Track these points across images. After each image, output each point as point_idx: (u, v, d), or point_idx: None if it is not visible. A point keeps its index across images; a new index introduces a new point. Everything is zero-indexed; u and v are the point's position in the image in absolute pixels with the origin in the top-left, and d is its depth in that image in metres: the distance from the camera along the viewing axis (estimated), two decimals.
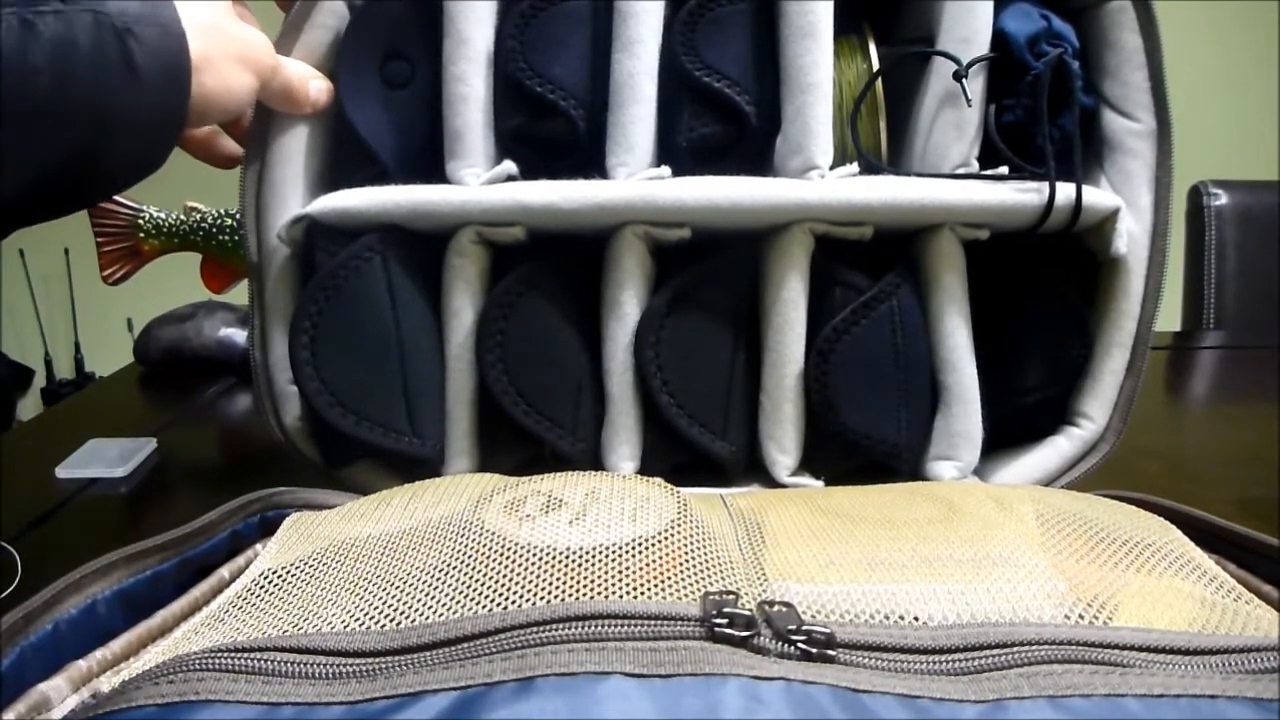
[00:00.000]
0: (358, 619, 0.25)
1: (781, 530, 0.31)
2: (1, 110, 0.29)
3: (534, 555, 0.27)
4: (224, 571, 0.33)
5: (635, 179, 0.43)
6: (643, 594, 0.25)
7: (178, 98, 0.34)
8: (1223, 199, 1.18)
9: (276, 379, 0.45)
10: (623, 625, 0.23)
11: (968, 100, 0.43)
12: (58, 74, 0.29)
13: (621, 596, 0.25)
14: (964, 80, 0.43)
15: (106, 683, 0.26)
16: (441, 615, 0.24)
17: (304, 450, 0.46)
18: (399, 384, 0.44)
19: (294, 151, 0.44)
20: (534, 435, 0.44)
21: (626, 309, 0.44)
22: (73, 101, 0.30)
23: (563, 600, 0.24)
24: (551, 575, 0.26)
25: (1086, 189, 0.43)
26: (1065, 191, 0.43)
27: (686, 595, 0.25)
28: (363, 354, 0.43)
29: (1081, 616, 0.25)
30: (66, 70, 0.29)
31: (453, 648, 0.23)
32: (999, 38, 0.44)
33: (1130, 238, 0.44)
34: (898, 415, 0.45)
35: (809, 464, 0.46)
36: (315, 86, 0.43)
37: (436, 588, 0.26)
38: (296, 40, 0.44)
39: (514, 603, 0.24)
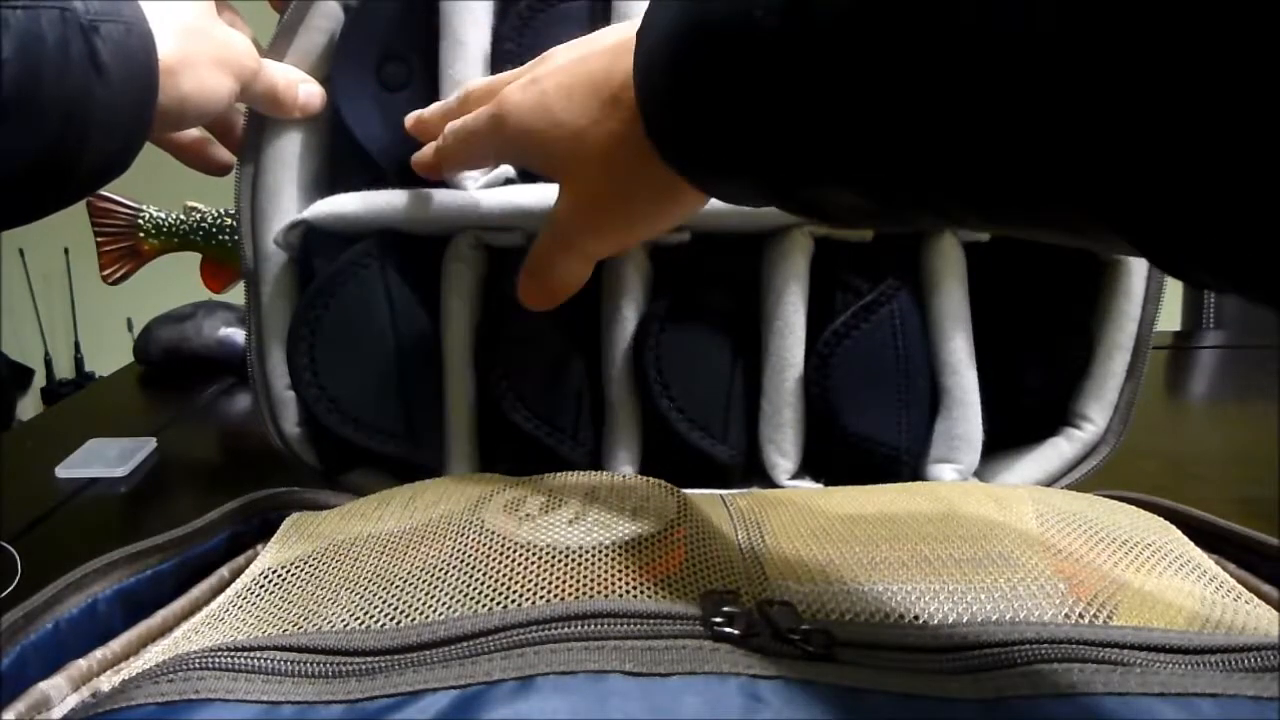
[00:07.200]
0: (357, 618, 0.25)
1: (781, 530, 0.31)
2: None
3: (534, 554, 0.27)
4: (224, 571, 0.34)
5: None
6: (642, 593, 0.25)
7: (146, 96, 0.34)
8: None
9: (274, 385, 0.45)
10: (622, 624, 0.23)
11: None
12: (25, 67, 0.29)
13: (621, 595, 0.25)
14: None
15: (107, 682, 0.26)
16: (441, 614, 0.24)
17: (303, 456, 0.46)
18: (398, 389, 0.44)
19: (288, 155, 0.44)
20: (534, 440, 0.44)
21: (625, 313, 0.44)
22: (42, 96, 0.30)
23: (562, 599, 0.24)
24: (551, 574, 0.26)
25: None
26: None
27: (686, 594, 0.25)
28: (361, 360, 0.43)
29: (1081, 616, 0.25)
30: (33, 64, 0.30)
31: (452, 646, 0.23)
32: None
33: None
34: (898, 418, 0.45)
35: (809, 468, 0.46)
36: (304, 90, 0.43)
37: (436, 587, 0.26)
38: (290, 43, 0.43)
39: (514, 602, 0.24)
